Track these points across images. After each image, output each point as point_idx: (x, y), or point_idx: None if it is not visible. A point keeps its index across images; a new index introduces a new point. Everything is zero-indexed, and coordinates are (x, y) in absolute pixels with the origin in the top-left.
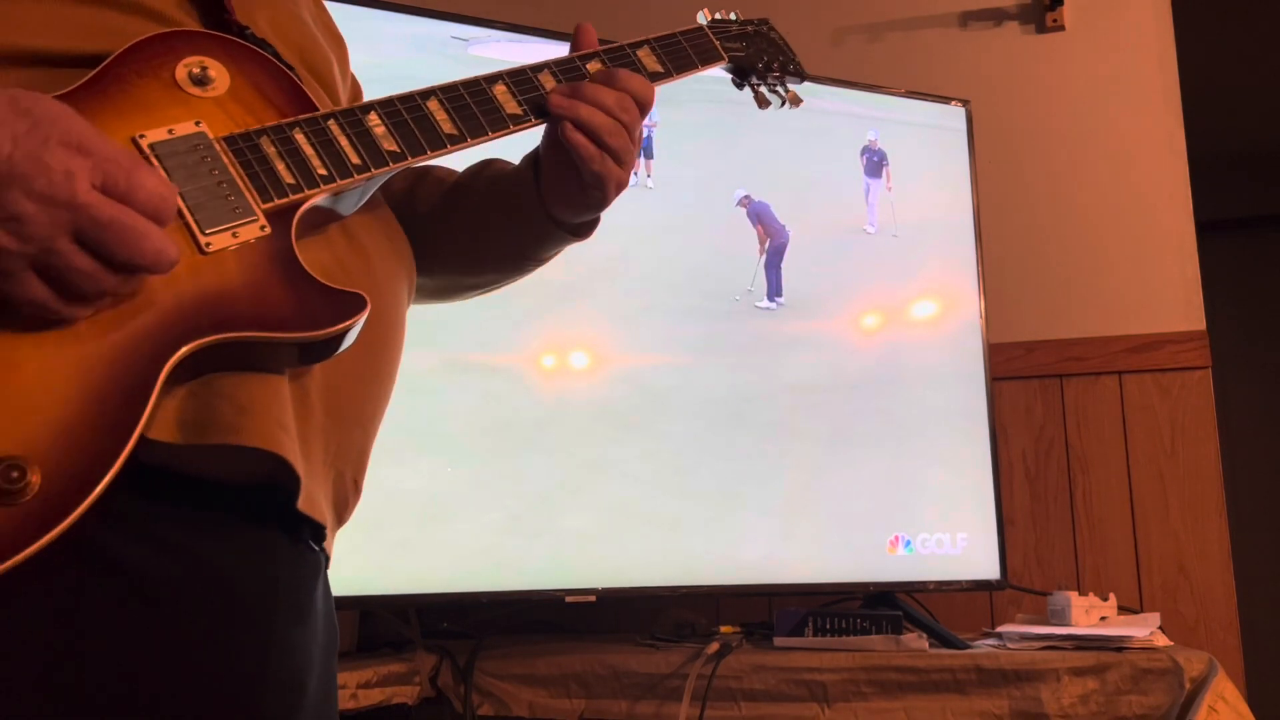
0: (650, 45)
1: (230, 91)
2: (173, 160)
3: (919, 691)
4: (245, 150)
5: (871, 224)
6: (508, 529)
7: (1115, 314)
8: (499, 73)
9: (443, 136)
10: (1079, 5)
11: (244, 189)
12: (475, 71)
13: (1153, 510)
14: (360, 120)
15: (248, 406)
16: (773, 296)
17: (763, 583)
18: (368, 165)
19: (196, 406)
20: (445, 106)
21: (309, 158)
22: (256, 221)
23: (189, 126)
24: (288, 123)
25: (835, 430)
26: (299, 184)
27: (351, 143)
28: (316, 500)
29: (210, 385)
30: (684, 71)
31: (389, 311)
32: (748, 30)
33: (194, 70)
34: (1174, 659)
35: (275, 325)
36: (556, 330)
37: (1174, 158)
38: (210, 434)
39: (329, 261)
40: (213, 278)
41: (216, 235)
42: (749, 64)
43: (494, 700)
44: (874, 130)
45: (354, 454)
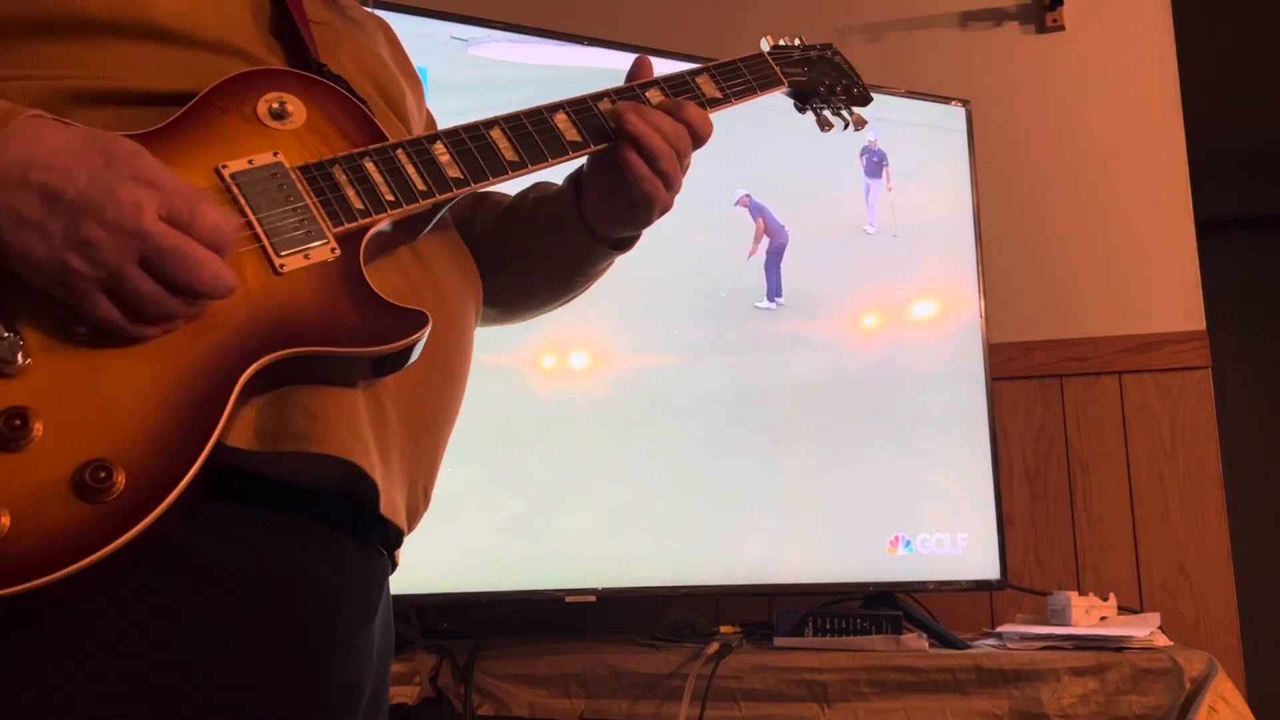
0: (710, 73)
1: (307, 124)
2: (252, 188)
3: (919, 691)
4: (319, 178)
5: (871, 224)
6: (508, 529)
7: (1115, 314)
8: (560, 102)
9: (505, 163)
10: (1079, 5)
11: (317, 214)
12: (474, 70)
13: (1153, 510)
14: (427, 149)
15: (320, 415)
16: (773, 296)
17: (763, 583)
18: (432, 191)
19: (272, 416)
20: (507, 135)
21: (378, 185)
22: (327, 244)
23: (268, 157)
24: (358, 152)
25: (835, 430)
26: (367, 209)
27: (418, 170)
28: (396, 504)
29: (286, 396)
30: (743, 98)
31: (456, 326)
32: (810, 56)
33: (273, 105)
34: (1174, 659)
35: (343, 340)
36: (556, 330)
37: (1174, 158)
38: (284, 441)
39: (399, 281)
40: (286, 297)
41: (290, 257)
42: (810, 89)
43: (494, 700)
44: (874, 130)
45: (426, 462)
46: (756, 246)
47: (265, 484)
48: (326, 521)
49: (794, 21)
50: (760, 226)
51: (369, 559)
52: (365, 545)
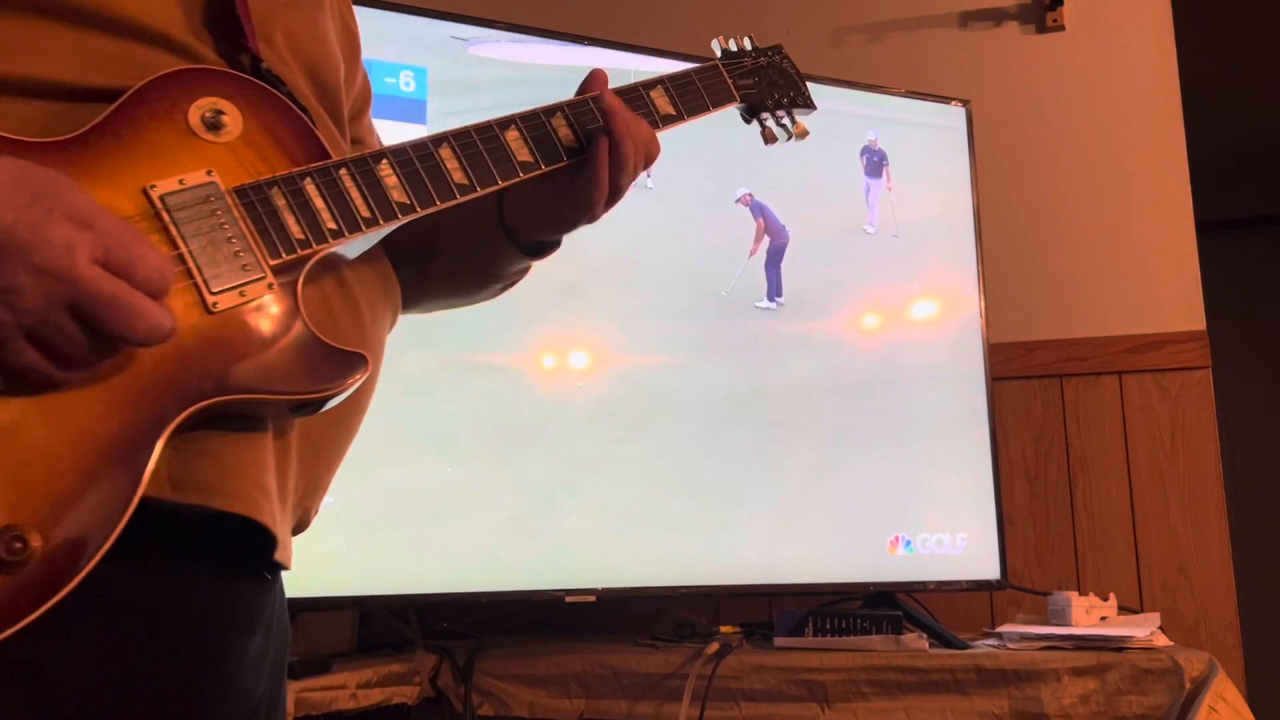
0: (664, 85)
1: (243, 136)
2: (183, 213)
3: (919, 691)
4: (256, 203)
5: (871, 224)
6: (508, 529)
7: (1115, 314)
8: (512, 117)
9: (453, 187)
10: (1079, 5)
11: (253, 244)
12: (474, 71)
13: (1153, 510)
14: (372, 170)
15: (230, 467)
16: (773, 296)
17: (763, 583)
18: (376, 219)
19: (180, 462)
20: (457, 154)
21: (319, 211)
22: (264, 280)
23: (200, 176)
24: (299, 172)
25: (835, 430)
26: (308, 239)
27: (362, 194)
28: (288, 546)
29: (193, 442)
30: (696, 115)
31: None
32: (760, 63)
33: (207, 114)
34: (1174, 659)
35: (278, 386)
36: (556, 330)
37: (1174, 158)
38: (191, 494)
39: (316, 305)
40: (218, 336)
41: (224, 295)
42: (759, 101)
43: (494, 700)
44: (874, 130)
45: (319, 492)
46: (757, 246)
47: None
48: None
49: (794, 21)
50: (761, 226)
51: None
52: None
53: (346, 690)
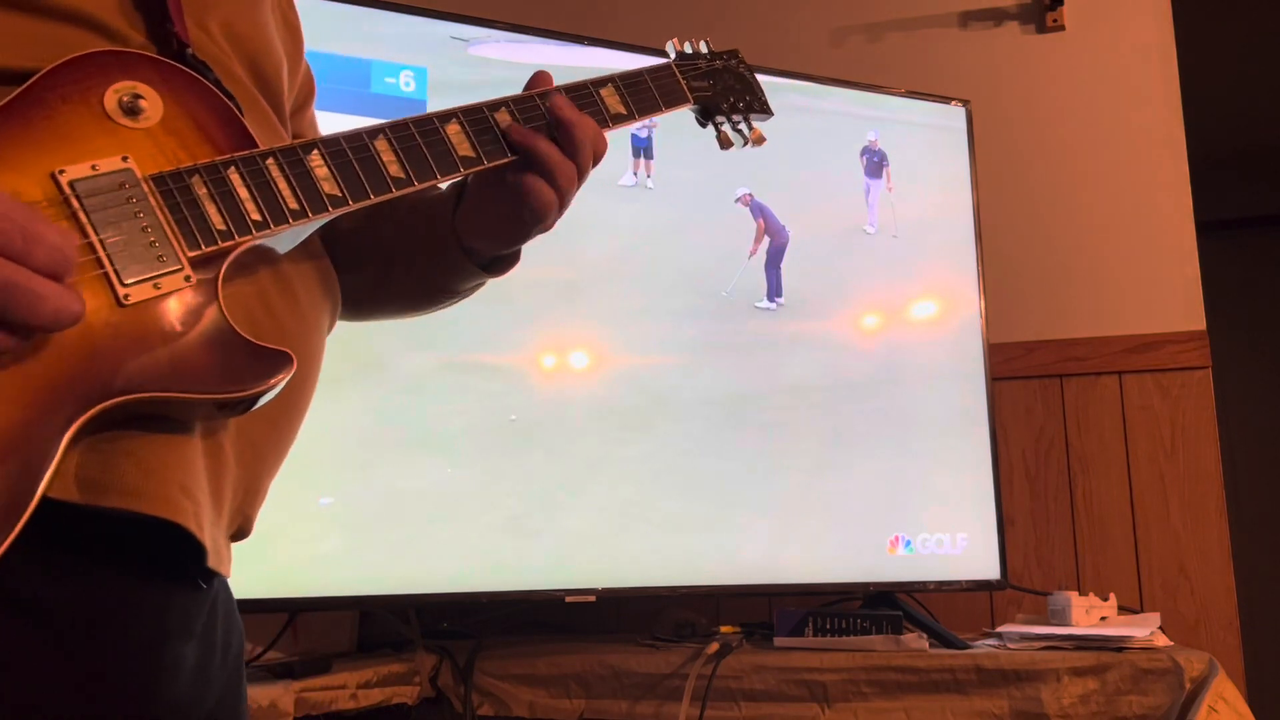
0: (615, 84)
1: (163, 122)
2: (94, 200)
3: (919, 691)
4: (174, 191)
5: (871, 224)
6: (508, 529)
7: (1115, 314)
8: (454, 110)
9: (388, 180)
10: (1079, 5)
11: (170, 235)
12: (474, 71)
13: (1153, 510)
14: (301, 160)
15: (154, 469)
16: (773, 296)
17: (763, 583)
18: (305, 210)
19: (97, 463)
20: (394, 146)
21: (243, 200)
22: (181, 271)
23: (115, 162)
24: (222, 161)
25: (835, 430)
26: (230, 230)
27: (290, 185)
28: (220, 551)
29: (115, 441)
30: (646, 114)
31: (310, 355)
32: (716, 66)
33: (124, 98)
34: (1174, 659)
35: (194, 385)
36: (556, 330)
37: (1174, 158)
38: (109, 496)
39: (251, 299)
40: (130, 330)
41: (136, 286)
42: (713, 105)
43: (494, 700)
44: (874, 130)
45: (255, 496)
46: (757, 246)
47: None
48: (150, 554)
49: (794, 21)
50: (761, 226)
51: (190, 586)
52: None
53: (346, 690)
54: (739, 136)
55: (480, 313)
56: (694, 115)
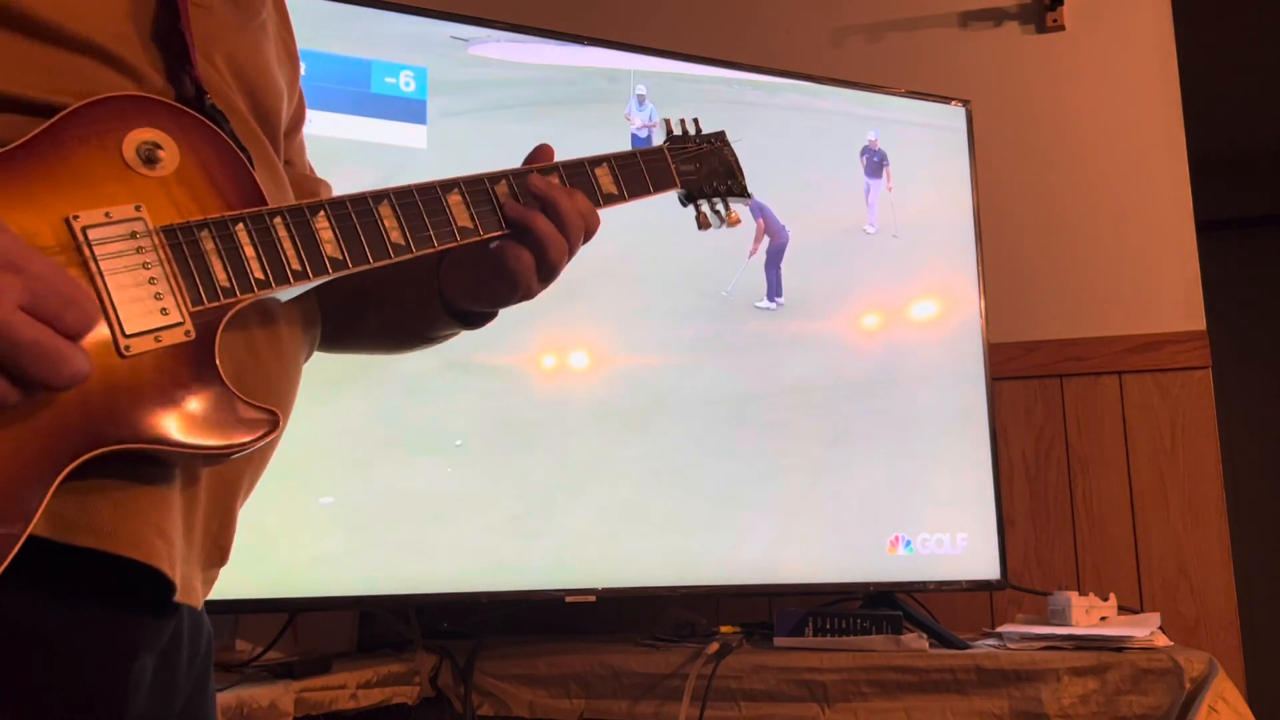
0: (609, 163)
1: (178, 172)
2: (105, 247)
3: (919, 691)
4: (183, 245)
5: (871, 224)
6: (508, 529)
7: (1115, 314)
8: (456, 180)
9: (389, 246)
10: (1079, 5)
11: (175, 289)
12: (474, 71)
13: (1153, 510)
14: (308, 222)
15: (130, 512)
16: (773, 296)
17: (763, 583)
18: (306, 273)
19: (76, 504)
20: (396, 213)
21: (248, 259)
22: (182, 326)
23: (128, 210)
24: (232, 217)
25: (835, 430)
26: (233, 288)
27: (294, 245)
28: (192, 584)
29: (93, 482)
30: (637, 196)
31: (290, 394)
32: (703, 149)
33: (142, 148)
34: (1174, 659)
35: (182, 438)
36: (556, 330)
37: (1174, 158)
38: (81, 535)
39: (241, 350)
40: (126, 382)
41: (138, 339)
42: (697, 188)
43: (494, 700)
44: (874, 130)
45: (227, 525)
46: (757, 246)
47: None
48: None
49: (794, 21)
50: (761, 226)
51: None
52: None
53: (346, 690)
54: (716, 218)
55: None
56: (678, 197)
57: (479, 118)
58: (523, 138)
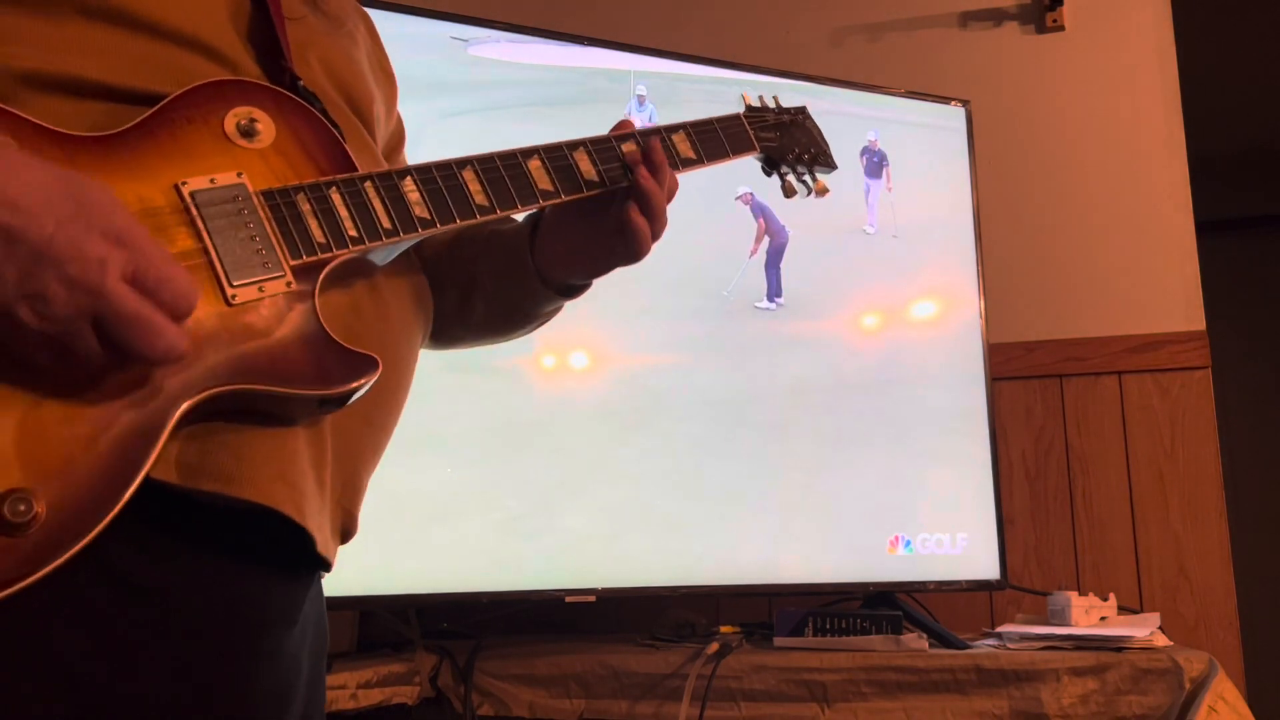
0: (686, 130)
1: (275, 144)
2: (211, 209)
3: (919, 691)
4: (281, 205)
5: (871, 224)
6: (508, 529)
7: (1115, 314)
8: (535, 147)
9: (473, 206)
10: (1079, 5)
11: (275, 244)
12: (475, 71)
13: (1153, 510)
14: (396, 185)
15: (247, 456)
16: (773, 297)
17: (763, 583)
18: (397, 229)
19: (198, 450)
20: (480, 177)
21: (342, 218)
22: (283, 277)
23: (231, 177)
24: (325, 181)
25: (835, 430)
26: (329, 243)
27: (385, 206)
28: (329, 542)
29: (214, 430)
30: (715, 160)
31: (400, 362)
32: (784, 120)
33: (242, 121)
34: (1174, 659)
35: (288, 381)
36: (556, 330)
37: (1174, 158)
38: (203, 480)
39: (346, 308)
40: (234, 328)
41: (243, 288)
42: (780, 155)
43: (494, 700)
44: (874, 131)
45: (354, 491)
46: (758, 246)
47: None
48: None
49: (794, 21)
50: (761, 226)
51: (295, 576)
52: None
53: (346, 690)
54: (803, 186)
55: None
56: (760, 164)
57: (479, 118)
58: (523, 139)
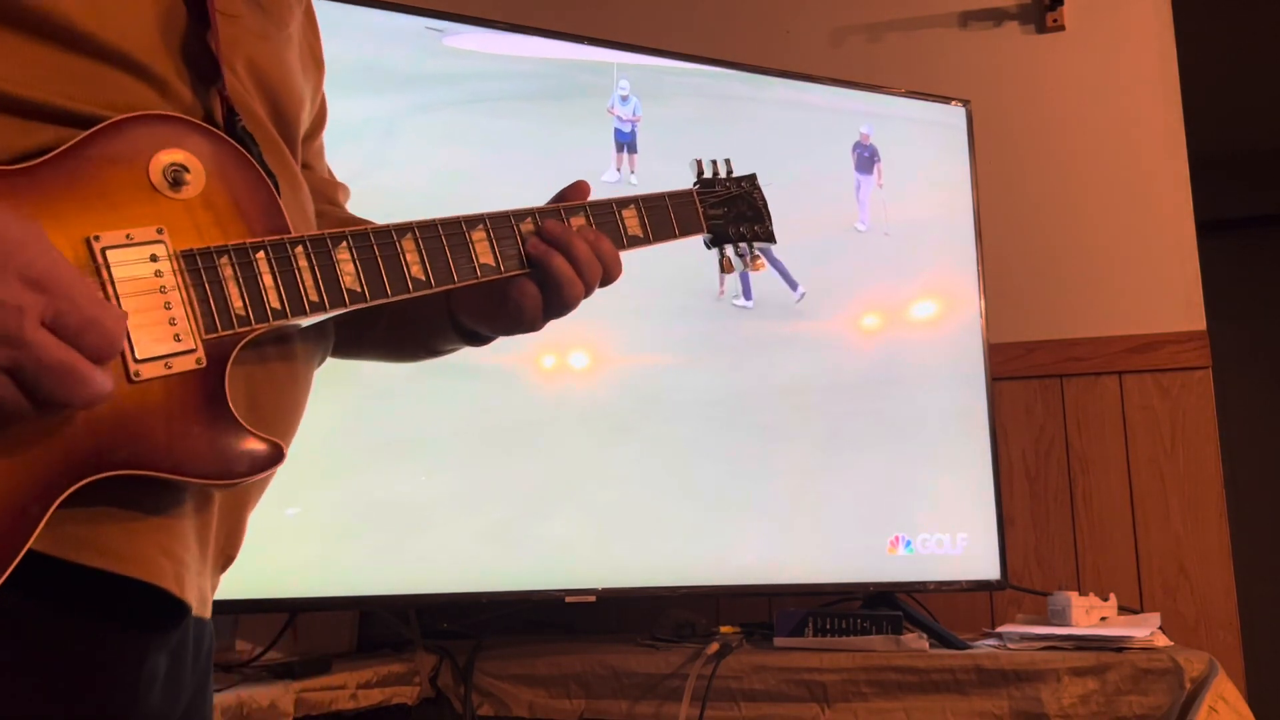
0: (636, 205)
1: (202, 196)
2: (122, 270)
3: (919, 692)
4: (202, 270)
5: (863, 221)
6: (508, 529)
7: (1115, 314)
8: (481, 216)
9: (408, 280)
10: (1079, 5)
11: (189, 315)
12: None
13: (1153, 510)
14: (329, 253)
15: (137, 531)
16: (747, 295)
17: (763, 583)
18: (324, 304)
19: (84, 520)
20: (419, 246)
21: (266, 288)
22: (194, 354)
23: (150, 233)
24: (253, 244)
25: (835, 430)
26: (248, 315)
27: (314, 276)
28: (205, 597)
29: (101, 503)
30: (661, 240)
31: (300, 409)
32: (732, 192)
33: (168, 170)
34: (1174, 659)
35: (185, 468)
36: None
37: (1174, 158)
38: (92, 555)
39: (253, 361)
40: (133, 407)
41: (148, 364)
42: (723, 232)
43: (494, 700)
44: (867, 125)
45: (237, 535)
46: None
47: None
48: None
49: (794, 21)
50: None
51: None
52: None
53: (346, 690)
54: (740, 262)
55: None
56: (704, 240)
57: (456, 111)
58: (502, 132)
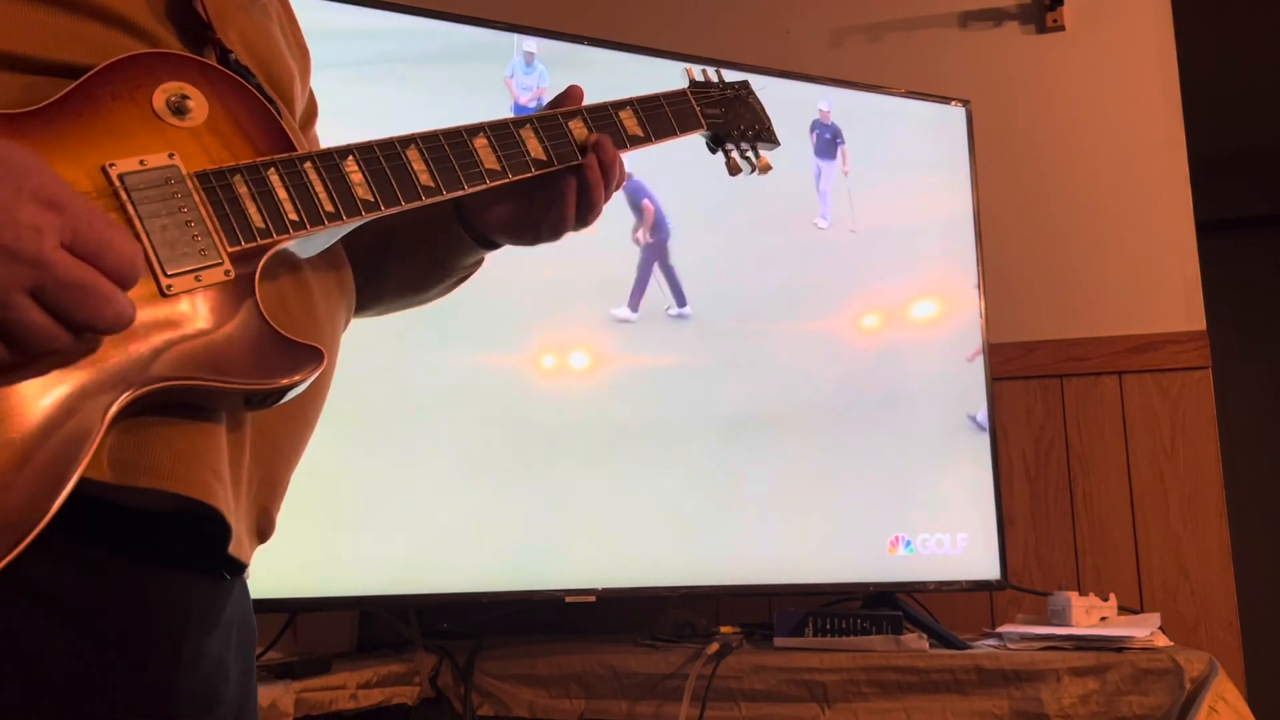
0: (633, 107)
1: (208, 123)
2: (141, 193)
3: (919, 692)
4: (217, 189)
5: (824, 216)
6: (508, 529)
7: (1115, 314)
8: (481, 124)
9: (419, 188)
10: (1079, 5)
11: (212, 230)
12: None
13: (1153, 510)
14: (337, 165)
15: (185, 453)
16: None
17: (763, 583)
18: (340, 213)
19: (133, 445)
20: (424, 156)
21: (281, 201)
22: (221, 265)
23: (162, 158)
24: (263, 162)
25: (835, 430)
26: (269, 228)
27: (326, 188)
28: (241, 541)
29: (148, 426)
30: (663, 138)
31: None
32: (728, 95)
33: (172, 98)
34: (1174, 659)
35: (227, 374)
36: (556, 330)
37: (1174, 158)
38: (141, 476)
39: (272, 300)
40: (169, 321)
41: (179, 278)
42: (724, 131)
43: (494, 700)
44: (826, 101)
45: (274, 489)
46: (644, 232)
47: (111, 509)
48: (173, 546)
49: (794, 21)
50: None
51: (213, 579)
52: (211, 570)
53: (346, 690)
54: (746, 163)
55: (480, 314)
56: (705, 141)
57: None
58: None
